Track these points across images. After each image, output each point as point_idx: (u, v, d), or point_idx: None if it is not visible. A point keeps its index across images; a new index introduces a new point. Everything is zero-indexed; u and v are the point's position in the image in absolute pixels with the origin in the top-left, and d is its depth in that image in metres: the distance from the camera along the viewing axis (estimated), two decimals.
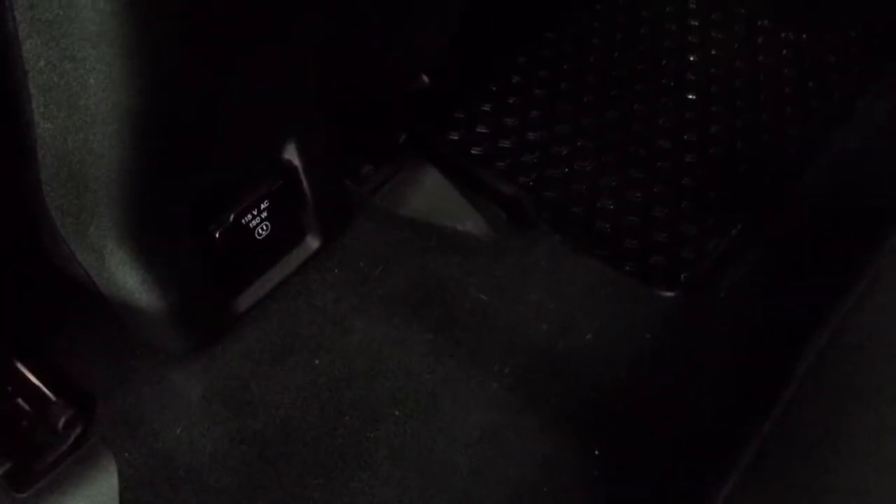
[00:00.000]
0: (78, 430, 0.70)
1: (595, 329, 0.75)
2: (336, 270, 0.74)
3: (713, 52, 1.07)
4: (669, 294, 0.86)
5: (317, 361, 0.71)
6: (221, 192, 0.63)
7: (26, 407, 0.72)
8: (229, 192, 0.64)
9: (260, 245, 0.68)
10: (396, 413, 0.70)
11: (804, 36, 1.07)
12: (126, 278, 0.61)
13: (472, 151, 0.99)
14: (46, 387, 0.71)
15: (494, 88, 1.04)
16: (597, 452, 0.68)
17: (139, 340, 0.69)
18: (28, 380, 0.72)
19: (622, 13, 1.11)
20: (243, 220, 0.65)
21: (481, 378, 0.72)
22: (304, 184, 0.68)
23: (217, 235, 0.64)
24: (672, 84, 1.05)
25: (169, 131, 0.50)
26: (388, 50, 0.72)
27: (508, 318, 0.75)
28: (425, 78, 0.77)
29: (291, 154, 0.66)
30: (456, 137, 1.00)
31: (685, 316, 0.80)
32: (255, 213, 0.66)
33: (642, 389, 0.73)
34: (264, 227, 0.67)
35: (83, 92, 0.45)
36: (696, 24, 1.10)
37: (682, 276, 0.89)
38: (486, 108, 1.02)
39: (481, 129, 1.01)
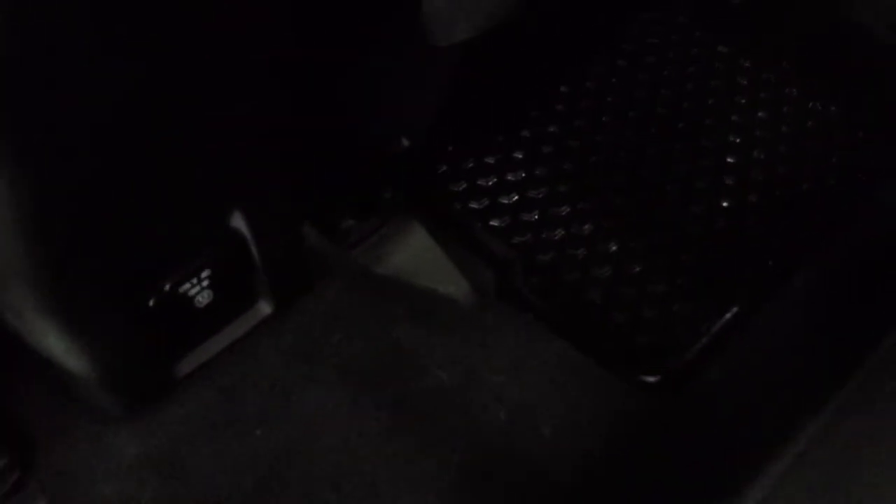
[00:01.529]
0: (15, 476, 0.69)
1: (555, 422, 0.71)
2: (290, 336, 0.71)
3: (732, 119, 1.01)
4: (650, 379, 0.81)
5: (258, 432, 0.69)
6: (156, 261, 0.61)
7: None
8: (166, 260, 0.61)
9: (201, 313, 0.65)
10: (333, 498, 0.67)
11: (833, 108, 1.01)
12: (52, 346, 0.59)
13: (471, 206, 0.96)
14: None
15: (501, 139, 1.00)
16: None
17: (77, 397, 0.67)
18: None
19: (643, 71, 1.06)
20: (181, 289, 0.62)
21: (428, 466, 0.68)
22: (254, 252, 0.65)
23: (151, 304, 0.61)
24: (685, 151, 0.99)
25: (74, 223, 0.48)
26: (362, 121, 0.69)
27: (466, 402, 0.72)
28: (405, 141, 0.74)
29: (238, 222, 0.63)
30: (456, 190, 0.96)
31: (652, 412, 0.76)
32: (194, 281, 0.63)
33: (597, 492, 0.68)
34: (205, 296, 0.64)
35: None
36: (718, 85, 1.04)
37: (668, 359, 0.84)
38: (490, 160, 0.99)
39: (482, 183, 0.97)
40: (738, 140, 1.00)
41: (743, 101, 1.04)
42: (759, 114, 1.03)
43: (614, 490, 0.69)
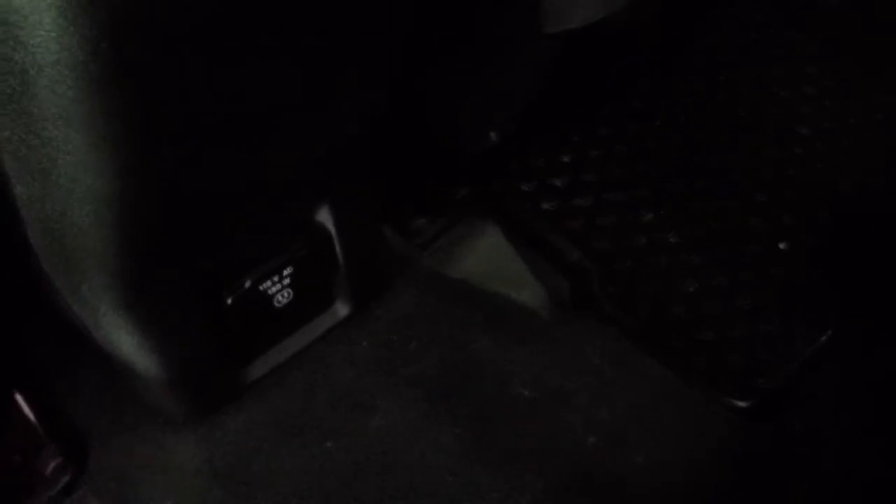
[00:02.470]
0: (67, 478, 0.66)
1: (649, 449, 0.65)
2: (364, 343, 0.66)
3: (825, 126, 0.95)
4: (741, 404, 0.76)
5: (328, 444, 0.64)
6: (240, 257, 0.56)
7: (20, 444, 0.67)
8: (247, 257, 0.56)
9: (279, 313, 0.60)
10: None
11: None
12: (121, 342, 0.55)
13: (543, 206, 0.90)
14: (42, 428, 0.67)
15: (576, 138, 0.95)
16: None
17: (140, 399, 0.63)
18: (26, 417, 0.68)
19: (728, 69, 1.00)
20: (261, 287, 0.58)
21: (509, 491, 0.63)
22: (337, 250, 0.60)
23: (229, 302, 0.57)
24: (775, 157, 0.93)
25: (162, 213, 0.43)
26: (453, 115, 0.64)
27: (551, 423, 0.66)
28: (493, 136, 0.68)
29: (325, 218, 0.58)
30: (527, 189, 0.91)
31: (757, 441, 0.70)
32: (275, 279, 0.58)
33: None
34: (285, 295, 0.59)
35: (54, 170, 0.38)
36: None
37: (758, 380, 0.79)
38: (565, 159, 0.93)
39: (555, 183, 0.91)
40: (827, 150, 0.94)
41: (851, 121, 0.97)
42: (850, 120, 0.97)
43: None
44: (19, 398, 0.68)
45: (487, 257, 0.80)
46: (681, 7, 0.98)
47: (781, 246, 0.88)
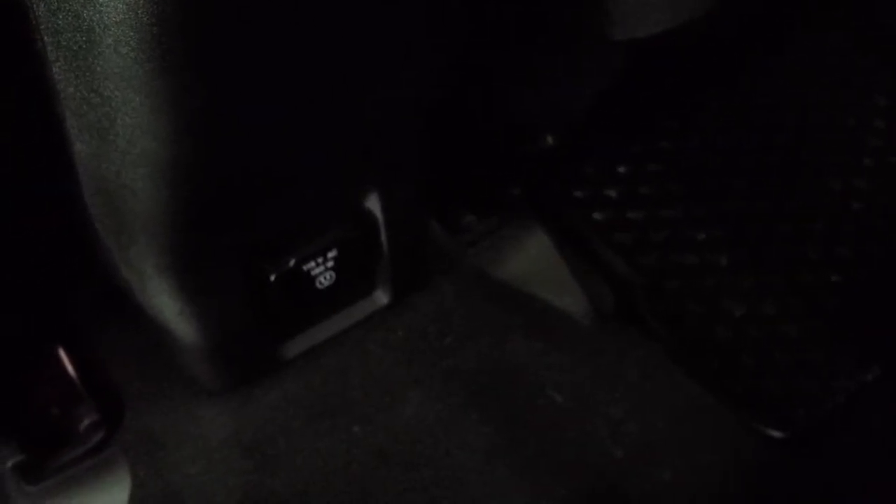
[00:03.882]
0: (100, 436, 0.67)
1: (677, 466, 0.64)
2: (400, 333, 0.67)
3: (891, 160, 0.93)
4: (776, 434, 0.74)
5: (356, 429, 0.64)
6: (287, 234, 0.57)
7: (59, 398, 0.69)
8: (294, 235, 0.57)
9: (320, 294, 0.60)
10: None
11: None
12: (164, 306, 0.56)
13: (595, 216, 0.89)
14: (81, 385, 0.68)
15: (635, 150, 0.94)
16: None
17: (178, 365, 0.64)
18: (67, 372, 0.69)
19: (796, 93, 0.98)
20: (305, 267, 0.58)
21: (532, 496, 0.63)
22: (383, 237, 0.61)
23: (272, 279, 0.57)
24: (838, 188, 0.91)
25: (214, 181, 0.44)
26: (513, 109, 0.64)
27: (581, 432, 0.66)
28: (550, 139, 0.68)
29: (373, 204, 0.59)
30: (580, 196, 0.90)
31: (791, 467, 0.69)
32: (320, 260, 0.58)
33: None
34: (328, 277, 0.60)
35: (112, 129, 0.39)
36: (879, 125, 0.96)
37: (798, 411, 0.77)
38: (622, 170, 0.92)
39: (610, 193, 0.91)
40: (891, 184, 0.92)
41: None
42: None
43: None
44: (62, 353, 0.70)
45: (533, 261, 0.79)
46: (753, 26, 0.96)
47: (833, 279, 0.86)
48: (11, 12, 0.38)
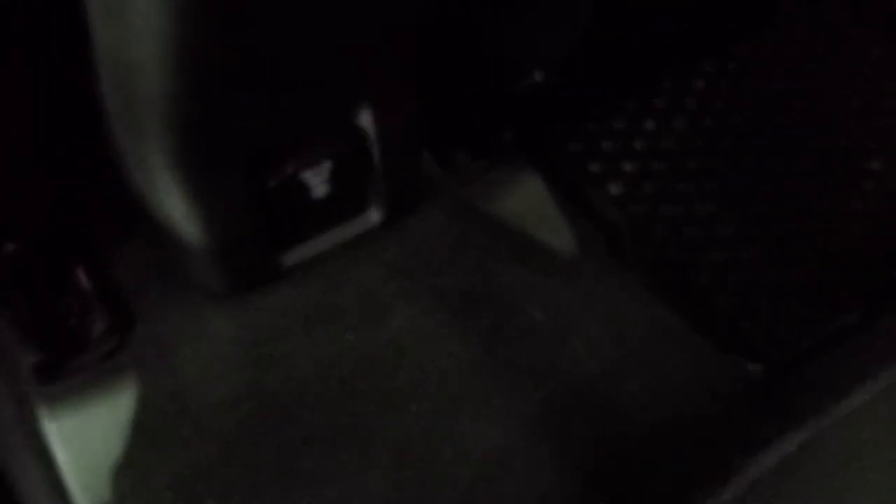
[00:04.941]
0: (112, 343, 0.72)
1: (644, 380, 0.69)
2: (393, 251, 0.72)
3: (874, 124, 0.96)
4: (751, 367, 0.78)
5: (349, 337, 0.70)
6: (285, 144, 0.62)
7: (75, 308, 0.74)
8: (293, 146, 0.62)
9: (316, 206, 0.66)
10: (412, 409, 0.67)
11: None
12: (173, 206, 0.61)
13: (590, 168, 0.94)
14: (96, 294, 0.73)
15: (631, 107, 0.98)
16: None
17: (185, 272, 0.69)
18: (83, 284, 0.74)
19: (789, 60, 1.02)
20: (301, 177, 0.63)
21: (509, 398, 0.68)
22: (375, 155, 0.66)
23: (271, 185, 0.63)
24: (822, 145, 0.95)
25: (221, 69, 0.49)
26: (500, 39, 0.68)
27: (556, 345, 0.71)
28: (538, 76, 0.73)
29: (366, 122, 0.64)
30: (576, 148, 0.95)
31: (752, 396, 0.73)
32: (316, 171, 0.64)
33: (665, 449, 0.66)
34: (323, 188, 0.65)
35: (130, 6, 0.44)
36: (864, 87, 1.00)
37: (772, 351, 0.81)
38: (619, 125, 0.97)
39: (605, 146, 0.95)
40: (879, 145, 0.95)
41: (892, 105, 0.99)
42: None
43: (683, 450, 0.67)
44: (80, 268, 0.75)
45: (524, 201, 0.84)
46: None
47: (814, 230, 0.90)
48: None
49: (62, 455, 0.66)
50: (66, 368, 0.71)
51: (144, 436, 0.66)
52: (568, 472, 0.64)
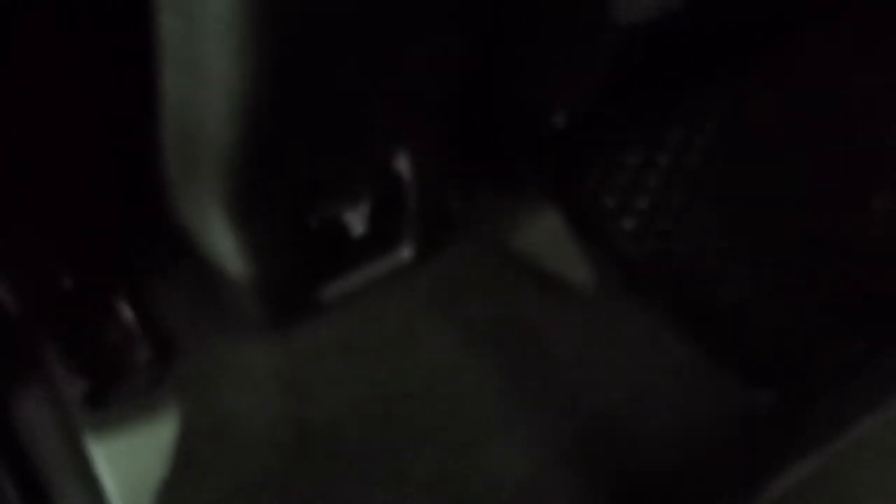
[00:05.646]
0: (155, 373, 0.74)
1: (664, 409, 0.72)
2: (423, 284, 0.75)
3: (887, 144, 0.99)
4: (766, 396, 0.81)
5: (382, 368, 0.73)
6: (327, 184, 0.65)
7: (119, 339, 0.77)
8: (334, 187, 0.66)
9: (354, 244, 0.69)
10: (443, 439, 0.70)
11: None
12: (222, 240, 0.64)
13: (605, 201, 0.97)
14: (141, 324, 0.76)
15: (644, 145, 1.02)
16: None
17: (226, 305, 0.73)
18: (126, 314, 0.77)
19: (803, 93, 1.05)
20: (342, 217, 0.67)
21: (537, 428, 0.71)
22: (410, 195, 0.69)
23: (313, 224, 0.66)
24: (837, 174, 0.98)
25: (280, 123, 0.53)
26: (525, 86, 0.72)
27: (581, 377, 0.74)
28: (560, 119, 0.77)
29: (403, 164, 0.68)
30: (592, 183, 0.98)
31: (776, 425, 0.76)
32: (354, 212, 0.67)
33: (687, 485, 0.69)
34: (361, 227, 0.69)
35: (202, 62, 0.48)
36: (880, 115, 1.03)
37: (789, 379, 0.84)
38: (632, 161, 1.00)
39: (619, 181, 0.99)
40: (884, 180, 0.99)
41: None
42: None
43: (703, 478, 0.70)
44: (125, 299, 0.78)
45: (546, 236, 0.87)
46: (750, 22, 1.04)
47: (824, 262, 0.93)
48: None
49: (108, 479, 0.69)
50: (112, 396, 0.74)
51: (186, 462, 0.69)
52: (594, 499, 0.67)
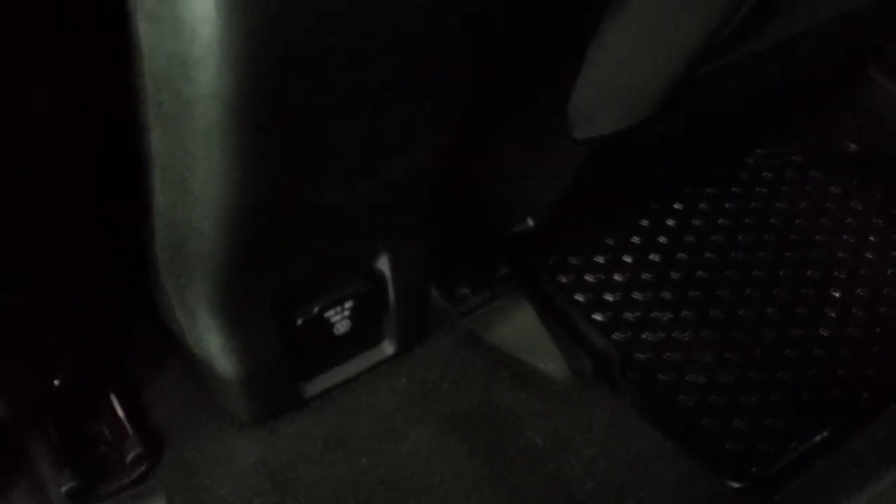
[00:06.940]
0: (143, 468, 0.76)
1: (637, 497, 0.75)
2: (404, 379, 0.78)
3: (839, 255, 1.06)
4: (734, 485, 0.84)
5: (364, 460, 0.75)
6: (311, 285, 0.69)
7: (108, 434, 0.79)
8: (319, 286, 0.70)
9: (338, 340, 0.73)
10: None
11: None
12: (210, 342, 0.67)
13: (576, 297, 1.02)
14: (128, 421, 0.78)
15: (611, 243, 1.07)
16: None
17: (213, 401, 0.75)
18: (116, 410, 0.79)
19: (756, 200, 1.13)
20: (326, 315, 0.71)
21: None
22: (391, 293, 0.73)
23: (299, 323, 0.70)
24: (790, 277, 1.04)
25: (265, 228, 0.57)
26: (499, 192, 0.77)
27: (556, 467, 0.77)
28: (530, 222, 0.82)
29: (383, 264, 0.72)
30: (564, 281, 1.03)
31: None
32: (338, 309, 0.71)
33: None
34: (345, 325, 0.72)
35: (190, 179, 0.52)
36: (827, 222, 1.10)
37: (754, 469, 0.88)
38: (599, 259, 1.06)
39: (588, 279, 1.04)
40: (843, 276, 1.05)
41: (851, 240, 1.09)
42: (867, 255, 1.07)
43: None
44: (113, 396, 0.80)
45: (521, 330, 0.91)
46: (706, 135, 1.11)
47: (788, 354, 0.98)
48: (127, 93, 0.52)
49: None
50: (99, 493, 0.75)
51: None
52: None
